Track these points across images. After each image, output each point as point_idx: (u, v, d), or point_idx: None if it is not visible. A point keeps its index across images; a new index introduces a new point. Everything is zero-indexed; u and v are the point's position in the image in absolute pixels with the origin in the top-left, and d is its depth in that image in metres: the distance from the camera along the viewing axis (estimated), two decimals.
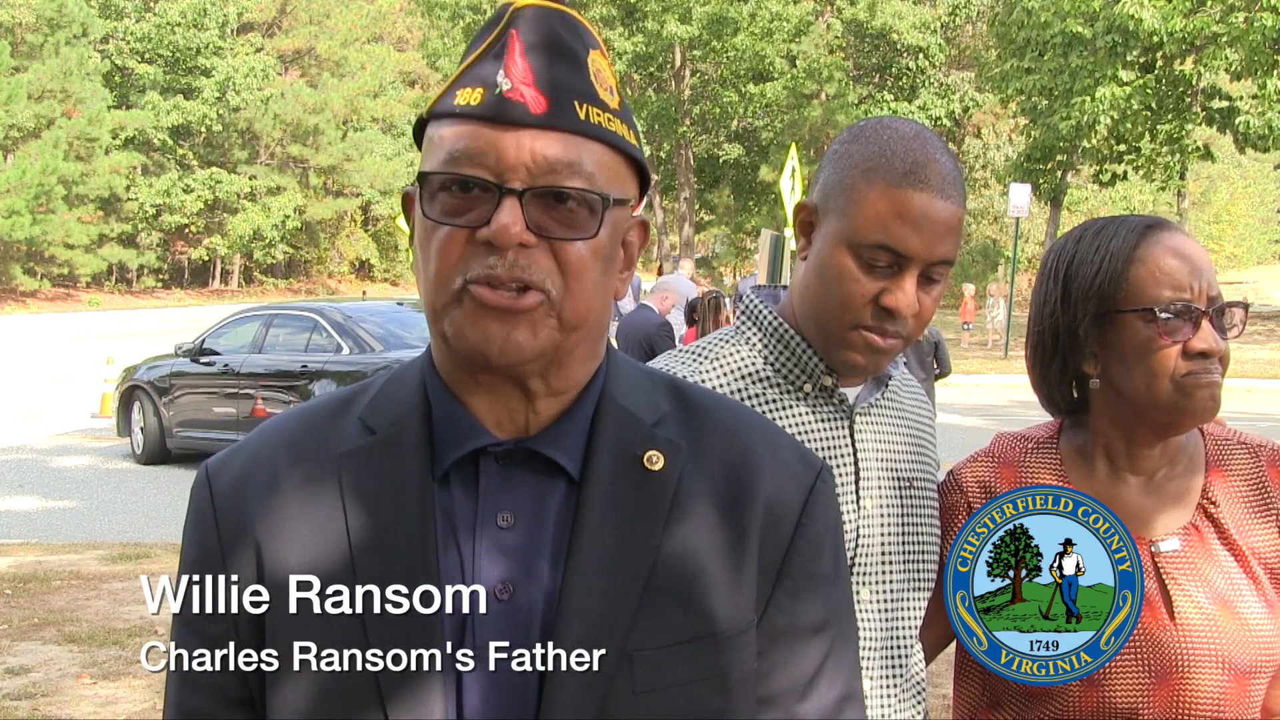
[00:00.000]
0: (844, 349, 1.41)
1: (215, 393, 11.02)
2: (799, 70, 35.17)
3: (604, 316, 1.04)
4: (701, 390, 1.14)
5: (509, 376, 1.00)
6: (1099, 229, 1.53)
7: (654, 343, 8.73)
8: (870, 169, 1.39)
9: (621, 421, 1.04)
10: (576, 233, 0.98)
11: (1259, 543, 1.50)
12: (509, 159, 0.96)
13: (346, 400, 1.09)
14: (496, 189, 0.96)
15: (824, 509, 1.08)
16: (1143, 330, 1.45)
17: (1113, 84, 25.90)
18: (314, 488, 1.02)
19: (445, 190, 0.98)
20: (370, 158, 49.00)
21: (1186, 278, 1.45)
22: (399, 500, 1.00)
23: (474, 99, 0.98)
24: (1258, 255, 70.11)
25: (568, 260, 0.98)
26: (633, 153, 1.04)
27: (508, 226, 0.95)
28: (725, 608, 1.00)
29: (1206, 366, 1.44)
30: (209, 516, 1.04)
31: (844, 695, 1.07)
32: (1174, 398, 1.45)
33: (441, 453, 1.02)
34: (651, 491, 1.01)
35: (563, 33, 1.00)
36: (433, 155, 1.00)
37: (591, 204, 0.98)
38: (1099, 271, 1.48)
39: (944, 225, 1.37)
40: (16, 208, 38.62)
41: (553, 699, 0.95)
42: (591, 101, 0.99)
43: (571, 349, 1.01)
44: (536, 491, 1.01)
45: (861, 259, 1.38)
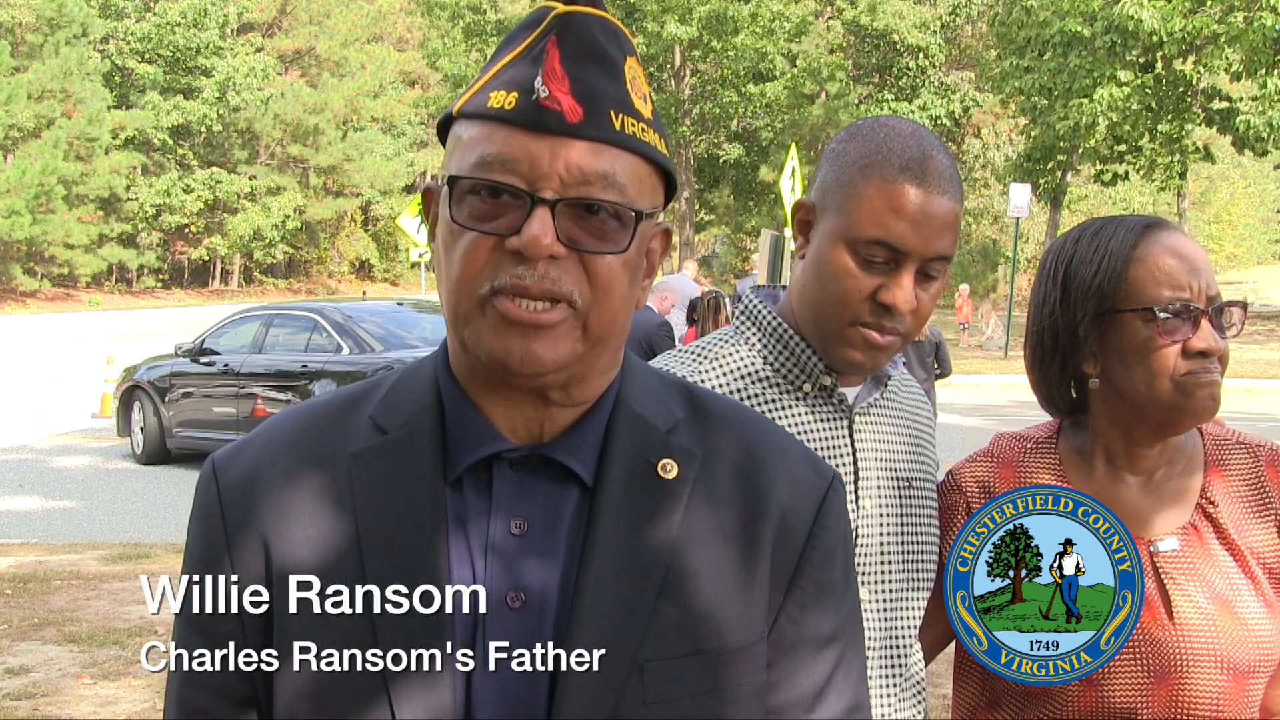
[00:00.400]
0: (842, 346, 1.41)
1: (215, 393, 11.02)
2: (799, 70, 35.18)
3: (627, 327, 1.03)
4: (715, 396, 1.13)
5: (529, 387, 0.99)
6: (1098, 229, 1.53)
7: (654, 343, 8.72)
8: (867, 165, 1.39)
9: (636, 428, 1.03)
10: (607, 245, 0.96)
11: (1258, 543, 1.50)
12: (542, 167, 0.94)
13: (355, 398, 1.07)
14: (529, 198, 0.94)
15: (836, 519, 1.07)
16: (1142, 330, 1.45)
17: (1112, 84, 25.90)
18: (324, 486, 1.00)
19: (474, 195, 0.96)
20: (370, 158, 49.03)
21: (1185, 277, 1.45)
22: (411, 502, 0.99)
23: (508, 102, 0.96)
24: (1258, 255, 70.09)
25: (597, 273, 0.96)
26: (664, 163, 1.02)
27: (539, 237, 0.93)
28: (737, 619, 1.00)
29: (1206, 366, 1.44)
30: (215, 512, 1.03)
31: (852, 706, 1.06)
32: (1174, 397, 1.44)
33: (455, 456, 1.00)
34: (665, 500, 1.01)
35: (602, 40, 0.98)
36: (462, 156, 0.98)
37: (623, 218, 0.97)
38: (1098, 271, 1.48)
39: (940, 221, 1.37)
40: (16, 208, 38.64)
41: (563, 708, 0.94)
42: (627, 111, 0.98)
43: (594, 361, 1.00)
44: (550, 498, 1.00)
45: (859, 255, 1.38)
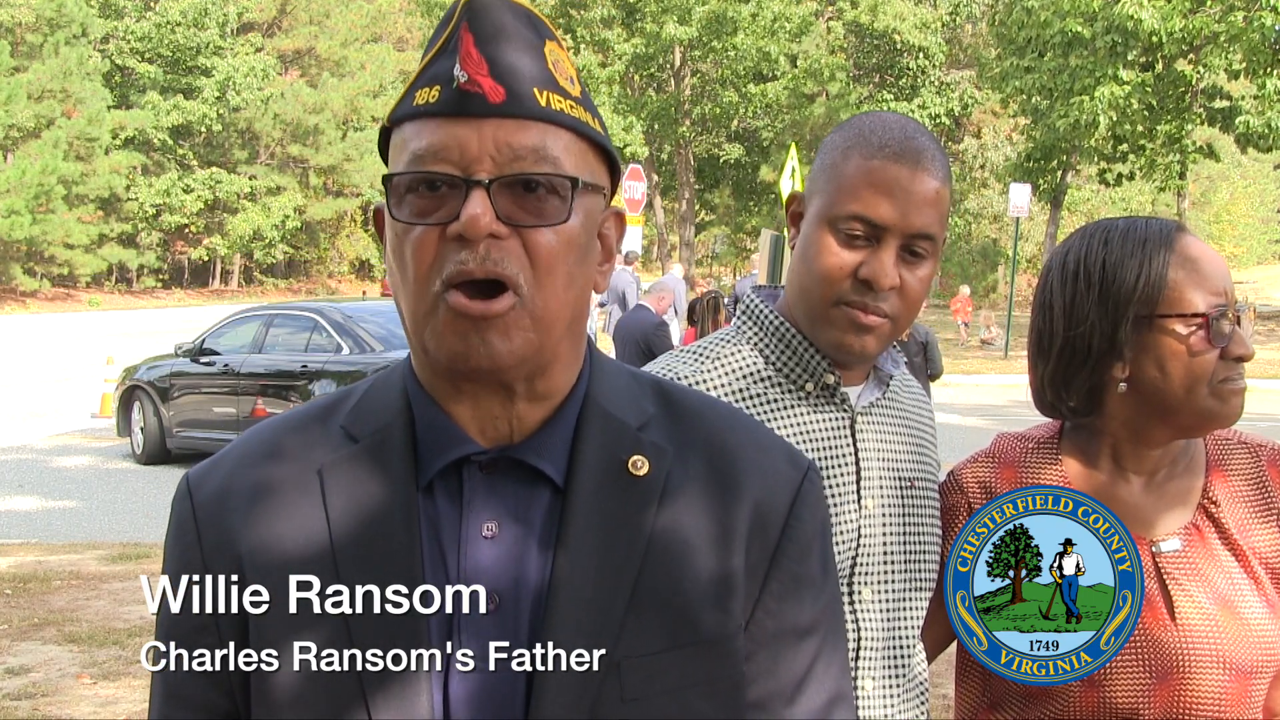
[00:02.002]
0: (829, 328, 1.41)
1: (215, 393, 11.02)
2: (800, 70, 35.17)
3: (581, 314, 1.03)
4: (688, 391, 1.12)
5: (492, 382, 0.99)
6: (1125, 230, 1.50)
7: (651, 343, 8.71)
8: (848, 148, 1.41)
9: (605, 426, 1.03)
10: (547, 220, 0.96)
11: (1260, 543, 1.50)
12: (473, 151, 0.95)
13: (327, 409, 1.07)
14: (464, 183, 0.95)
15: (811, 510, 1.06)
16: (1187, 335, 1.44)
17: (1112, 84, 25.89)
18: (296, 498, 1.00)
19: (412, 191, 0.96)
20: (370, 158, 48.94)
21: (1220, 282, 1.45)
22: (383, 510, 0.99)
23: (431, 96, 0.97)
24: (1258, 255, 70.06)
25: (539, 253, 0.96)
26: (599, 140, 1.02)
27: (477, 217, 0.93)
28: (713, 613, 0.99)
29: (1241, 371, 1.45)
30: (190, 530, 1.03)
31: (833, 697, 1.06)
32: (1209, 402, 1.45)
33: (425, 462, 1.01)
34: (637, 497, 1.00)
35: (515, 23, 0.98)
36: (397, 159, 0.99)
37: (560, 189, 0.97)
38: (1140, 276, 1.46)
39: (919, 196, 1.38)
40: (16, 208, 38.60)
41: (540, 707, 0.94)
42: (551, 89, 0.98)
43: (554, 353, 1.00)
44: (521, 500, 1.00)
45: (839, 232, 1.39)
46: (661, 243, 39.42)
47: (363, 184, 48.92)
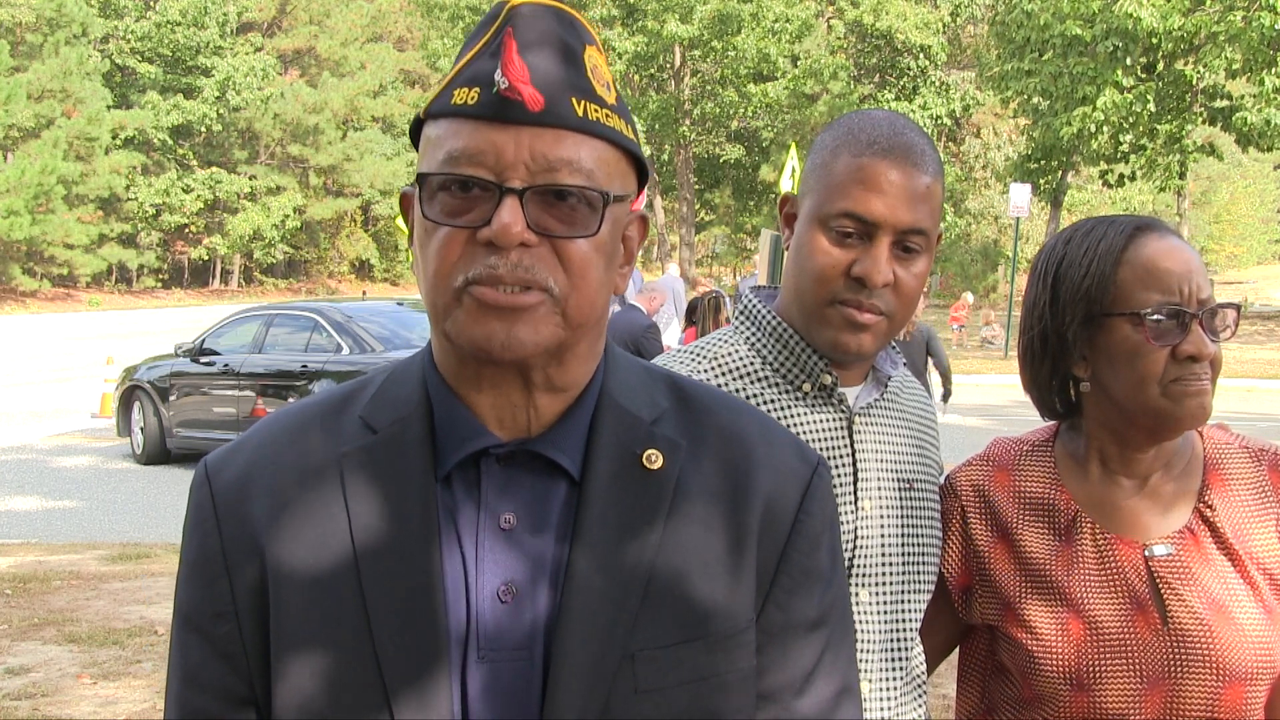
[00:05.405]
0: (824, 327, 1.42)
1: (215, 393, 11.03)
2: (801, 70, 35.17)
3: (606, 313, 1.04)
4: (700, 386, 1.13)
5: (512, 369, 1.00)
6: (1088, 230, 1.52)
7: (640, 345, 8.58)
8: (837, 147, 1.42)
9: (621, 420, 1.04)
10: (577, 230, 0.97)
11: (1258, 548, 1.48)
12: (508, 158, 0.95)
13: (345, 398, 1.08)
14: (497, 188, 0.95)
15: (820, 504, 1.08)
16: (1130, 334, 1.43)
17: (1113, 89, 25.87)
18: (316, 487, 1.02)
19: (444, 190, 0.97)
20: (370, 158, 49.00)
21: (1175, 281, 1.43)
22: (402, 501, 1.00)
23: (470, 98, 0.97)
24: (1258, 255, 70.05)
25: (570, 258, 0.97)
26: (631, 148, 1.04)
27: (509, 226, 0.94)
28: (725, 606, 1.01)
29: (1195, 371, 1.42)
30: (210, 515, 1.04)
31: (840, 690, 1.07)
32: (1161, 403, 1.43)
33: (444, 453, 1.01)
34: (651, 490, 1.02)
35: (559, 29, 0.99)
36: (430, 155, 0.99)
37: (592, 201, 0.98)
38: (1086, 274, 1.47)
39: (910, 192, 1.38)
40: (16, 208, 38.61)
41: (555, 699, 0.95)
42: (589, 98, 0.99)
43: (574, 345, 1.01)
44: (538, 492, 1.01)
45: (831, 231, 1.39)
46: (661, 243, 39.43)
47: (363, 184, 48.92)
